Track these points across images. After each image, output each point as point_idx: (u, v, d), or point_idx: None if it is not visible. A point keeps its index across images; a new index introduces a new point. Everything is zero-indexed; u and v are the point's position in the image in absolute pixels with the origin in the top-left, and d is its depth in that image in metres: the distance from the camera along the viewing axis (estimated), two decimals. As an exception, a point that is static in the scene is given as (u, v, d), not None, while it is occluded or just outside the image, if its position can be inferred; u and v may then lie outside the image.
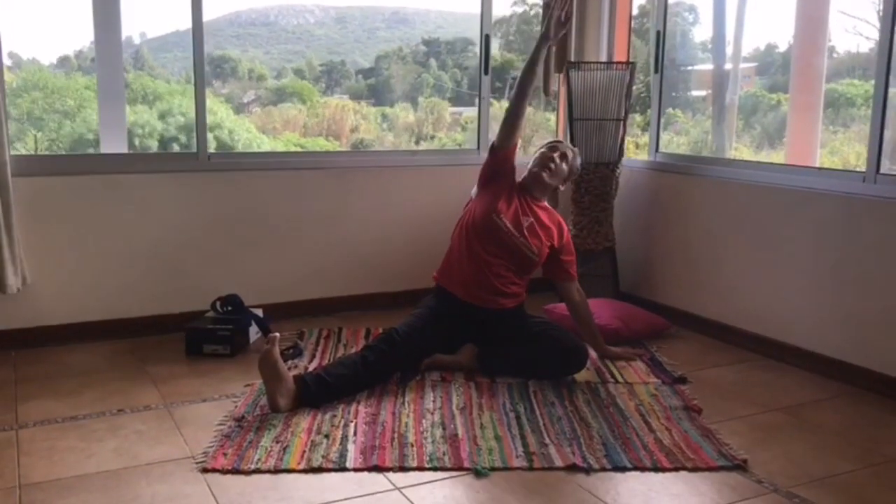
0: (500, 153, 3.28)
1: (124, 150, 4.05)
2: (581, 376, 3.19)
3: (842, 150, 4.89)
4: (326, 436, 2.60)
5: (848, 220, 3.25)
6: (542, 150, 3.40)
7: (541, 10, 4.50)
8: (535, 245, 3.24)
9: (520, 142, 3.38)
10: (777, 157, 5.14)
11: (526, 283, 3.34)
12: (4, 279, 3.32)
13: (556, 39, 3.34)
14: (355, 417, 2.75)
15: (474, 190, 3.39)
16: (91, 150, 5.80)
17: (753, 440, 2.67)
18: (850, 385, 3.19)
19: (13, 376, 3.17)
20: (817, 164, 4.44)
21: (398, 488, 2.31)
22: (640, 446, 2.57)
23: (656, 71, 4.29)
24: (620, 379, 3.20)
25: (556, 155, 3.34)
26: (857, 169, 3.52)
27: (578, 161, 3.48)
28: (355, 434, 2.62)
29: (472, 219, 3.26)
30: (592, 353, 3.37)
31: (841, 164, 4.62)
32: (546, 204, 3.40)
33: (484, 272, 3.20)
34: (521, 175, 3.39)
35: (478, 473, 2.39)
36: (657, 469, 2.44)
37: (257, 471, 2.37)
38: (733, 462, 2.47)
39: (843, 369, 3.25)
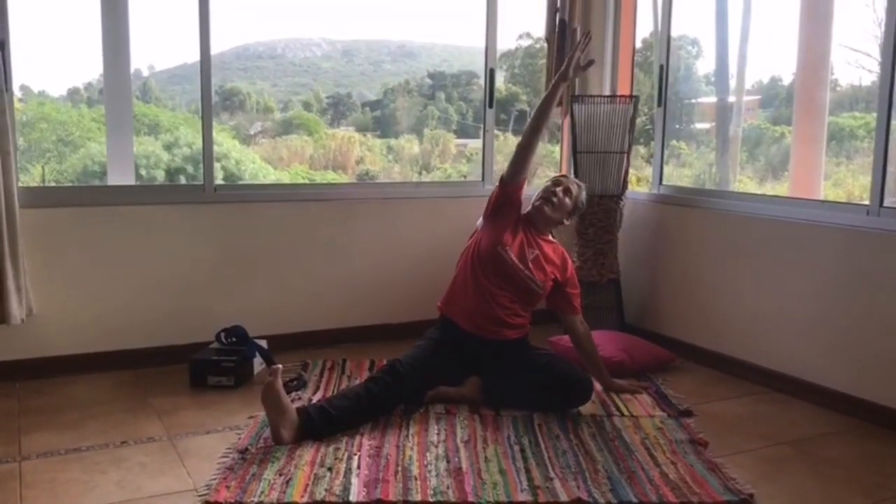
0: (510, 187, 3.29)
1: (131, 181, 4.08)
2: (586, 409, 3.17)
3: (846, 182, 4.90)
4: (330, 468, 2.58)
5: (852, 253, 3.25)
6: (547, 184, 3.42)
7: (545, 44, 4.54)
8: (540, 278, 3.25)
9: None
10: (781, 189, 5.15)
11: (530, 315, 3.34)
12: (9, 310, 3.33)
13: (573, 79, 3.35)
14: (359, 450, 2.74)
15: (480, 220, 3.40)
16: (96, 182, 5.85)
17: (760, 474, 2.64)
18: (857, 419, 3.17)
19: (17, 407, 3.17)
20: (821, 197, 4.45)
21: (401, 522, 2.29)
22: (646, 480, 2.55)
23: (659, 104, 4.32)
24: (626, 412, 3.18)
25: (559, 189, 3.35)
26: (861, 202, 3.52)
27: (584, 195, 3.48)
28: (359, 467, 2.60)
29: (478, 250, 3.27)
30: (597, 386, 3.35)
31: (845, 197, 4.62)
32: (552, 238, 3.41)
33: (488, 303, 3.20)
34: (527, 208, 3.41)
35: (482, 507, 2.37)
36: (663, 503, 2.42)
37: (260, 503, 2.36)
38: (739, 496, 2.45)
39: (850, 403, 3.23)
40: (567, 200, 3.36)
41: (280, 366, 2.83)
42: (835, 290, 3.31)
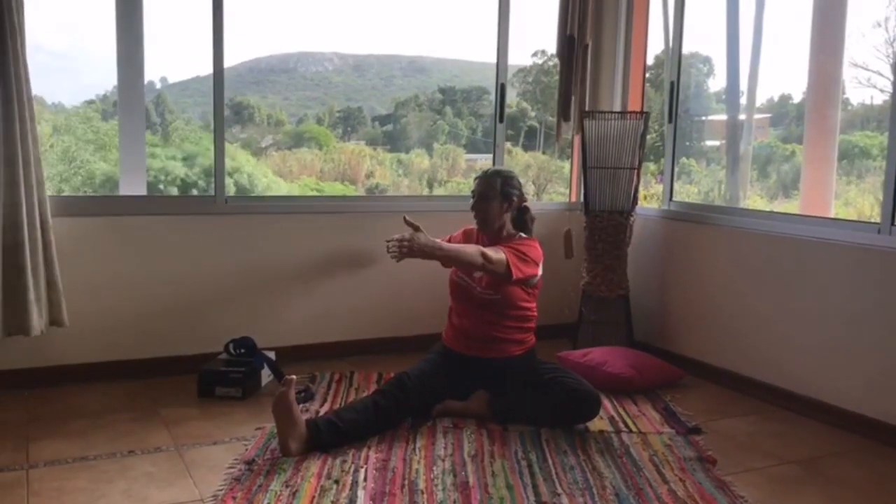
0: None
1: (143, 192, 4.10)
2: (594, 425, 3.16)
3: (856, 201, 4.88)
4: (336, 481, 2.58)
5: (862, 272, 3.24)
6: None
7: (558, 61, 4.56)
8: (492, 287, 3.20)
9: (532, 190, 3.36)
10: (791, 207, 5.14)
11: (529, 327, 3.32)
12: (29, 322, 3.28)
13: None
14: (365, 463, 2.73)
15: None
16: (97, 192, 5.87)
17: (769, 493, 2.63)
18: (867, 438, 3.15)
19: (25, 416, 3.18)
20: (832, 215, 4.44)
21: (408, 536, 2.28)
22: (654, 497, 2.54)
23: (670, 121, 4.33)
24: (634, 428, 3.17)
25: (474, 204, 3.29)
26: (872, 220, 3.51)
27: (503, 177, 3.28)
28: (365, 480, 2.60)
29: (449, 282, 3.36)
30: (606, 403, 3.33)
31: (856, 215, 4.61)
32: (521, 237, 3.29)
33: (478, 324, 3.23)
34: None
35: (488, 522, 2.36)
36: (671, 521, 2.40)
37: (266, 515, 2.36)
38: (748, 515, 2.44)
39: (860, 422, 3.21)
40: (491, 203, 3.24)
41: (294, 377, 2.82)
42: (844, 307, 3.30)
